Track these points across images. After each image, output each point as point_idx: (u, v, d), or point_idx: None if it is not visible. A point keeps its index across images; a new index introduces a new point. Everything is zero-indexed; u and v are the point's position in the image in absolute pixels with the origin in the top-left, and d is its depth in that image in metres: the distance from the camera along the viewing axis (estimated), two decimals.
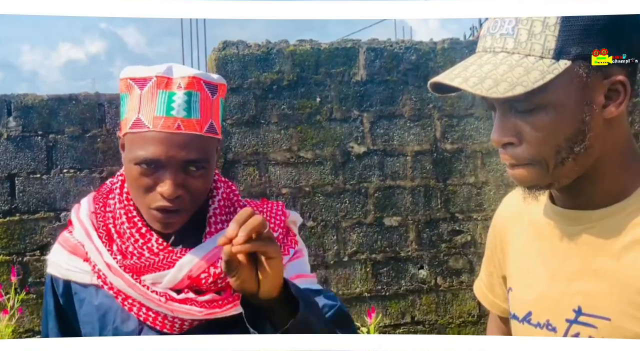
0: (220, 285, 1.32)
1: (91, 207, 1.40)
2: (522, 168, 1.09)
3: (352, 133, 3.99)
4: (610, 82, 1.04)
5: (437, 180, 4.08)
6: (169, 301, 1.29)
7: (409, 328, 4.03)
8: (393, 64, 4.04)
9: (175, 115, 1.26)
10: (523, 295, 1.21)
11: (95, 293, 1.37)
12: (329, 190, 3.97)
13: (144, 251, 1.32)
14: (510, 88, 1.02)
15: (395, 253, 4.04)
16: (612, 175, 1.10)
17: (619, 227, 1.07)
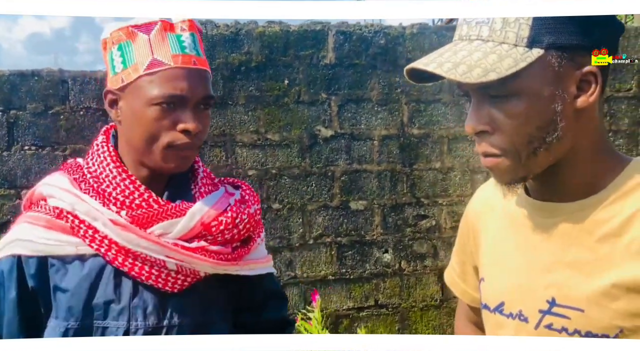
0: (227, 236, 1.38)
1: (69, 177, 1.39)
2: (494, 158, 1.10)
3: (320, 116, 3.97)
4: (582, 72, 1.05)
5: (404, 165, 4.10)
6: (182, 249, 1.33)
7: (372, 311, 4.06)
8: (362, 47, 4.03)
9: (189, 52, 1.32)
10: (495, 285, 1.22)
11: (81, 264, 1.35)
12: (295, 172, 3.95)
13: (150, 202, 1.35)
14: (483, 74, 1.03)
15: (361, 236, 4.05)
16: (584, 167, 1.11)
17: (594, 219, 1.09)
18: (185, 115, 1.31)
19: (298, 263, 3.95)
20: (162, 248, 1.32)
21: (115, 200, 1.35)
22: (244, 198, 1.47)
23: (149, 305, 1.35)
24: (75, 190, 1.36)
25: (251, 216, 1.43)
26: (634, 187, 1.08)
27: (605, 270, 1.06)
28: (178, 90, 1.29)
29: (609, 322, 1.06)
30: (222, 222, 1.37)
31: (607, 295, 1.05)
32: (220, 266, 1.37)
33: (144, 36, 1.32)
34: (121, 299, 1.34)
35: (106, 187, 1.36)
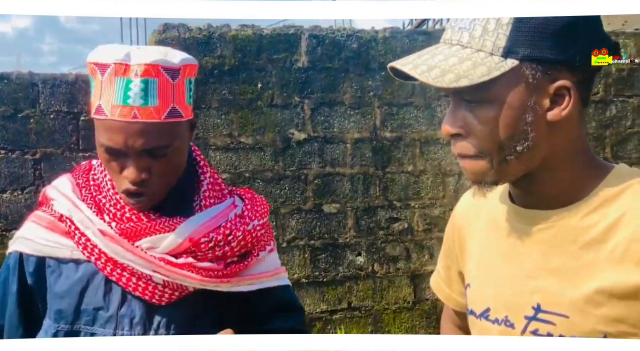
0: (217, 253, 1.36)
1: (73, 182, 1.42)
2: (469, 160, 1.12)
3: (293, 119, 3.98)
4: (556, 86, 1.07)
5: (376, 168, 4.12)
6: (168, 264, 1.32)
7: (345, 313, 4.08)
8: (335, 51, 4.04)
9: (131, 104, 1.25)
10: (481, 291, 1.24)
11: (75, 267, 1.37)
12: (268, 176, 3.95)
13: (141, 216, 1.35)
14: (455, 79, 1.05)
15: (334, 239, 4.07)
16: (564, 175, 1.13)
17: (577, 227, 1.11)
18: (128, 164, 1.29)
19: None
20: (147, 263, 1.32)
21: (108, 212, 1.36)
22: (243, 213, 1.43)
23: (136, 315, 1.35)
24: (74, 197, 1.38)
25: (248, 232, 1.40)
26: (616, 193, 1.10)
27: (589, 276, 1.08)
28: (112, 142, 1.27)
29: (592, 328, 1.08)
30: (212, 239, 1.36)
31: (590, 301, 1.07)
32: (208, 283, 1.35)
33: (99, 77, 1.28)
34: (110, 307, 1.35)
35: (102, 197, 1.38)
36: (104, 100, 1.27)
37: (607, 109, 4.36)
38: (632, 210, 1.07)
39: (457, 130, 1.11)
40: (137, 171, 1.28)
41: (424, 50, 1.12)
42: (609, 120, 4.38)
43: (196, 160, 1.46)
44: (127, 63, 1.26)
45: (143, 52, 1.29)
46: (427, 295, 4.18)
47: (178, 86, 1.31)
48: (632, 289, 1.04)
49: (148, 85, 1.26)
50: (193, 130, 1.41)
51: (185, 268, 1.33)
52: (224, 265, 1.38)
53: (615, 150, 4.37)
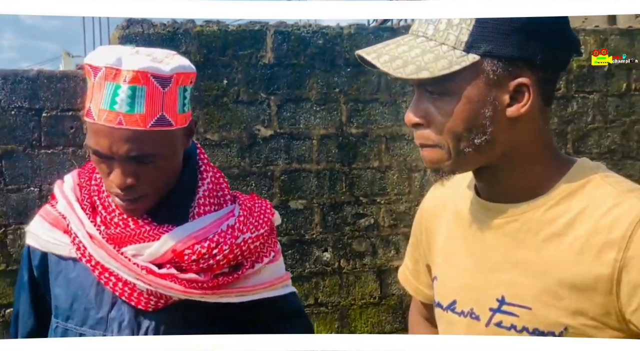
0: (202, 265, 1.33)
1: (75, 180, 1.43)
2: (428, 149, 1.14)
3: (259, 116, 3.97)
4: (515, 83, 1.09)
5: (342, 164, 4.14)
6: (149, 274, 1.31)
7: (312, 309, 4.09)
8: (300, 47, 4.05)
9: (117, 109, 1.24)
10: (448, 284, 1.26)
11: (73, 266, 1.39)
12: (235, 172, 3.94)
13: (129, 222, 1.34)
14: (416, 71, 1.07)
15: (300, 236, 4.08)
16: (526, 170, 1.15)
17: (540, 220, 1.13)
18: (114, 168, 1.28)
19: None
20: (130, 271, 1.32)
21: (100, 214, 1.37)
22: (234, 225, 1.38)
23: (125, 319, 1.35)
24: (72, 196, 1.40)
25: (237, 246, 1.36)
26: (578, 187, 1.12)
27: (551, 269, 1.10)
28: (99, 146, 1.27)
29: (554, 320, 1.10)
30: (195, 252, 1.33)
31: (552, 293, 1.10)
32: (191, 294, 1.33)
33: (92, 79, 1.28)
34: (100, 309, 1.36)
35: (98, 198, 1.38)
36: (93, 103, 1.27)
37: (568, 105, 4.44)
38: (592, 204, 1.09)
39: (419, 120, 1.13)
40: (122, 176, 1.27)
41: (391, 41, 1.14)
42: (570, 116, 4.45)
43: (198, 164, 1.43)
44: (118, 68, 1.25)
45: (136, 58, 1.27)
46: (393, 290, 4.21)
47: (169, 94, 1.27)
48: (592, 281, 1.07)
49: (135, 92, 1.24)
50: (191, 136, 1.38)
51: (168, 279, 1.32)
52: (211, 276, 1.35)
53: (576, 145, 4.45)
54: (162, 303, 1.34)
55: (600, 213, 1.07)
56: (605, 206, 1.08)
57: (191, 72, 1.35)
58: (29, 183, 3.62)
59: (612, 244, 1.05)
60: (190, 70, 1.34)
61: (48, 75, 3.68)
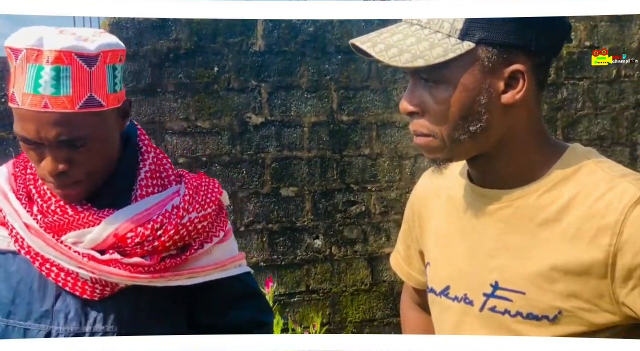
0: (147, 248, 1.30)
1: (10, 170, 1.36)
2: (423, 137, 1.15)
3: (250, 103, 3.97)
4: (510, 70, 1.10)
5: (333, 151, 4.14)
6: (92, 261, 1.27)
7: (303, 296, 4.10)
8: (291, 34, 4.03)
9: (42, 92, 1.19)
10: (441, 269, 1.27)
11: (13, 259, 1.32)
12: (226, 160, 3.94)
13: (67, 209, 1.29)
14: (411, 59, 1.07)
15: (292, 223, 4.08)
16: (520, 156, 1.16)
17: (533, 206, 1.14)
18: (45, 154, 1.23)
19: None
20: (71, 259, 1.27)
21: (36, 203, 1.31)
22: (179, 205, 1.34)
23: (71, 310, 1.30)
24: (6, 187, 1.33)
25: (183, 226, 1.32)
26: (570, 173, 1.13)
27: (545, 253, 1.12)
28: (25, 132, 1.22)
29: (548, 304, 1.11)
30: (139, 234, 1.29)
31: (546, 277, 1.11)
32: (138, 280, 1.29)
33: (15, 61, 1.22)
34: (44, 301, 1.30)
35: (32, 188, 1.32)
36: (16, 88, 1.21)
37: (558, 92, 4.45)
38: (585, 189, 1.10)
39: (414, 108, 1.14)
40: (54, 162, 1.23)
41: (385, 29, 1.14)
42: (560, 102, 4.47)
43: (139, 146, 1.38)
44: (39, 48, 1.19)
45: (58, 38, 1.21)
46: (385, 277, 4.23)
47: (96, 73, 1.23)
48: (586, 265, 1.08)
49: (60, 72, 1.19)
50: (127, 117, 1.34)
51: (111, 265, 1.27)
52: (158, 259, 1.31)
53: (566, 132, 4.47)
54: (109, 291, 1.30)
55: (594, 198, 1.09)
56: (598, 191, 1.09)
57: (119, 49, 1.28)
58: None
59: (606, 229, 1.06)
60: (118, 48, 1.28)
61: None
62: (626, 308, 1.07)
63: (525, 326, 1.14)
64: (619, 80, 4.56)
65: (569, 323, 1.11)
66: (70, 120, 1.21)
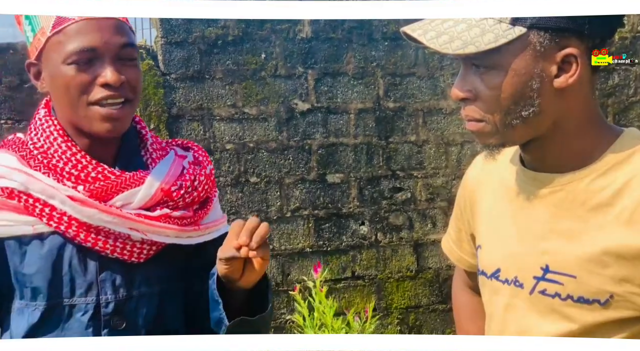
0: (187, 200, 1.36)
1: (16, 155, 1.32)
2: (475, 123, 1.15)
3: (297, 90, 3.99)
4: (563, 54, 1.09)
5: (379, 138, 4.14)
6: (146, 219, 1.30)
7: (349, 282, 4.12)
8: (337, 21, 4.04)
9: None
10: (492, 252, 1.27)
11: (40, 242, 1.29)
12: (272, 146, 3.97)
13: (106, 174, 1.30)
14: (462, 46, 1.07)
15: (337, 209, 4.10)
16: (574, 140, 1.16)
17: (586, 190, 1.14)
18: (103, 69, 1.25)
19: (275, 236, 3.99)
20: (124, 220, 1.28)
21: (70, 175, 1.29)
22: (198, 159, 1.43)
23: (117, 278, 1.31)
24: (26, 168, 1.29)
25: (207, 176, 1.40)
26: (625, 158, 1.13)
27: (597, 238, 1.11)
28: (87, 43, 1.23)
29: (599, 287, 1.11)
30: (181, 186, 1.34)
31: (598, 261, 1.11)
32: (184, 232, 1.34)
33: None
34: (87, 275, 1.30)
35: (57, 162, 1.29)
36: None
37: (609, 78, 4.37)
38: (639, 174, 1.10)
39: (466, 94, 1.14)
40: (115, 72, 1.25)
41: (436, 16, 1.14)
42: (611, 88, 4.39)
43: (134, 118, 1.41)
44: None
45: None
46: (430, 264, 4.22)
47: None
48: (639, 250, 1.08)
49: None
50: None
51: (162, 220, 1.31)
52: (193, 212, 1.37)
53: (617, 118, 4.39)
54: (154, 251, 1.33)
55: None
56: None
57: None
58: None
59: None
60: None
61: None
62: None
63: (576, 310, 1.14)
64: None
65: (620, 307, 1.11)
66: (126, 29, 1.29)
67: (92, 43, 1.24)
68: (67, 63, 1.24)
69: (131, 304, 1.32)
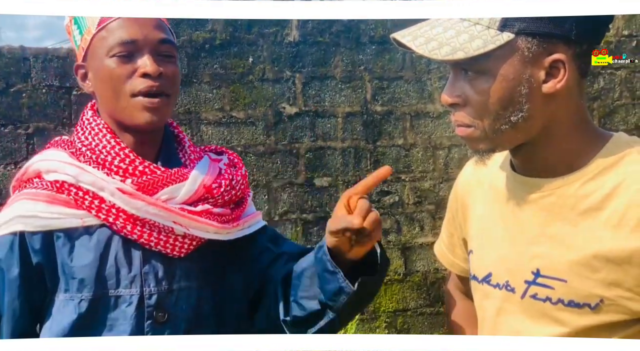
0: (226, 197, 1.42)
1: (64, 151, 1.40)
2: (465, 128, 1.16)
3: (284, 93, 3.99)
4: (551, 59, 1.10)
5: (367, 142, 4.14)
6: (189, 213, 1.36)
7: None
8: (325, 25, 4.04)
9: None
10: (483, 257, 1.28)
11: (88, 235, 1.35)
12: (260, 150, 3.97)
13: (153, 169, 1.37)
14: (451, 52, 1.08)
15: (326, 213, 4.10)
16: (563, 145, 1.16)
17: (575, 195, 1.14)
18: (142, 61, 1.32)
19: None
20: (169, 213, 1.34)
21: (118, 169, 1.35)
22: (233, 161, 1.51)
23: (159, 270, 1.36)
24: (77, 163, 1.36)
25: (243, 177, 1.48)
26: (613, 162, 1.14)
27: (587, 242, 1.12)
28: (127, 35, 1.32)
29: (590, 291, 1.12)
30: (221, 184, 1.41)
31: (588, 266, 1.12)
32: (224, 229, 1.40)
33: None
34: (132, 267, 1.35)
35: (105, 156, 1.36)
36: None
37: (595, 82, 4.41)
38: (629, 178, 1.11)
39: (455, 100, 1.15)
40: (154, 63, 1.32)
41: (425, 22, 1.15)
42: (597, 92, 4.42)
43: (168, 122, 1.49)
44: None
45: None
46: (418, 267, 4.23)
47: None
48: (628, 254, 1.08)
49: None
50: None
51: (204, 216, 1.37)
52: (231, 210, 1.44)
53: (602, 122, 4.42)
54: (194, 246, 1.38)
55: (637, 188, 1.09)
56: None
57: None
58: None
59: None
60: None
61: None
62: None
63: (566, 314, 1.14)
64: None
65: (611, 311, 1.12)
66: (165, 27, 1.37)
67: (133, 36, 1.32)
68: (110, 55, 1.33)
69: (172, 297, 1.37)
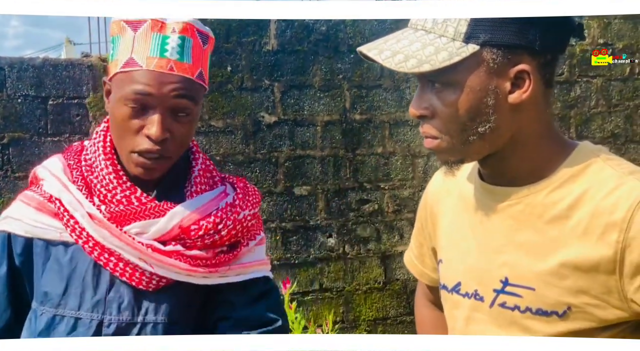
0: (207, 241, 1.34)
1: (64, 162, 1.39)
2: (433, 140, 1.16)
3: (263, 102, 3.99)
4: (516, 70, 1.11)
5: (346, 150, 4.15)
6: (155, 252, 1.30)
7: (317, 295, 4.12)
8: (304, 34, 4.05)
9: (168, 56, 1.28)
10: (452, 266, 1.28)
11: (64, 250, 1.34)
12: (239, 159, 3.96)
13: (132, 199, 1.32)
14: (417, 65, 1.09)
15: (305, 221, 4.10)
16: (530, 154, 1.17)
17: (543, 203, 1.15)
18: (151, 120, 1.27)
19: None
20: (134, 250, 1.30)
21: (99, 193, 1.33)
22: (234, 202, 1.39)
23: (124, 300, 1.32)
24: (64, 178, 1.35)
25: (239, 222, 1.37)
26: (579, 171, 1.14)
27: (554, 250, 1.13)
28: (144, 89, 1.27)
29: (557, 299, 1.12)
30: (202, 227, 1.33)
31: (555, 273, 1.12)
32: (196, 273, 1.33)
33: (131, 33, 1.29)
34: (97, 291, 1.32)
35: (94, 177, 1.35)
36: (137, 54, 1.28)
37: (571, 90, 4.44)
38: (594, 187, 1.11)
39: (422, 112, 1.15)
40: (162, 127, 1.26)
41: (391, 35, 1.15)
42: (573, 100, 4.46)
43: (190, 146, 1.44)
44: (163, 20, 1.29)
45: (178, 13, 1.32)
46: (398, 275, 4.24)
47: (205, 53, 1.34)
48: (594, 262, 1.09)
49: (184, 42, 1.30)
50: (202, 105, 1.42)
51: (173, 256, 1.31)
52: (213, 254, 1.35)
53: (579, 130, 4.46)
54: (164, 282, 1.33)
55: (602, 196, 1.10)
56: (606, 188, 1.10)
57: (214, 39, 1.39)
58: None
59: (614, 225, 1.07)
60: (214, 38, 1.39)
61: (54, 63, 3.69)
62: (635, 305, 1.08)
63: (535, 322, 1.15)
64: (633, 78, 4.54)
65: (578, 318, 1.12)
66: (188, 85, 1.29)
67: (145, 92, 1.27)
68: (124, 103, 1.29)
69: (133, 330, 1.32)
